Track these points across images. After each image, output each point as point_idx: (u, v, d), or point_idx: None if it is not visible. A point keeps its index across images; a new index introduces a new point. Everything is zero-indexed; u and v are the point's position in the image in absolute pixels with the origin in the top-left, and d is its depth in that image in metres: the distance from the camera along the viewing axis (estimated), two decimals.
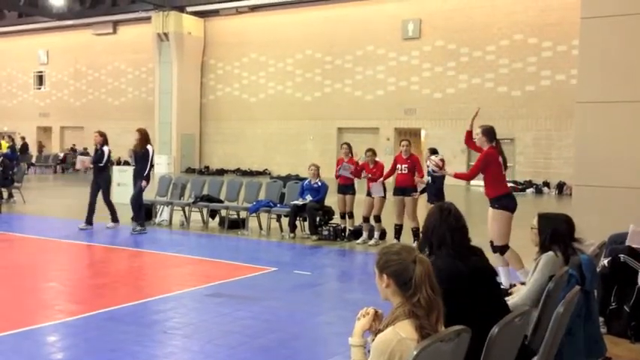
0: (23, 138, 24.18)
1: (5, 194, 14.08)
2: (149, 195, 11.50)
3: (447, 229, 3.14)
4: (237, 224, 10.90)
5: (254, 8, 23.97)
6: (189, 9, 24.01)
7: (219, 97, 24.99)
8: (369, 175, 9.54)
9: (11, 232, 10.84)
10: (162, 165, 22.49)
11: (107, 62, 26.81)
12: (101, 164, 10.73)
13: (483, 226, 6.68)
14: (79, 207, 14.98)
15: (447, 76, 22.31)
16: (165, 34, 23.81)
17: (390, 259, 2.52)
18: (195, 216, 11.57)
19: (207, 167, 24.78)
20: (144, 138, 10.64)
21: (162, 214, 11.65)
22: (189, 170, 23.95)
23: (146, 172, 10.48)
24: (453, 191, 11.25)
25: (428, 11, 22.40)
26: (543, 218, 3.97)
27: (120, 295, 6.62)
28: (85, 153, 21.44)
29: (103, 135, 10.88)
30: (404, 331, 2.36)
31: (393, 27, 22.59)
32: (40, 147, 26.61)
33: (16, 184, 14.54)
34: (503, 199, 6.36)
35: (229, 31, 24.78)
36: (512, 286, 5.11)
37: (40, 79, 27.61)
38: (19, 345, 4.99)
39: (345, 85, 23.10)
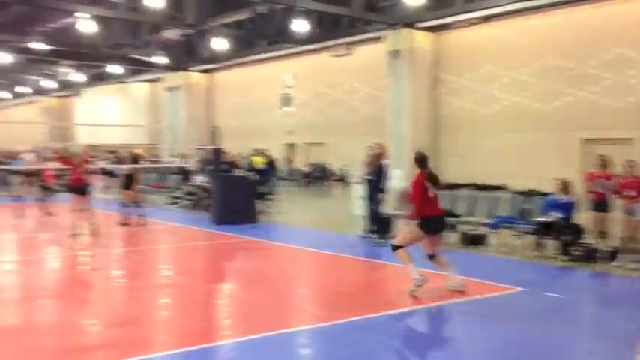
0: (269, 155, 26.56)
1: (262, 206, 15.61)
2: (386, 208, 11.82)
3: None
4: (478, 240, 10.63)
5: (487, 18, 23.37)
6: (420, 25, 24.30)
7: (452, 111, 24.79)
8: (633, 193, 8.59)
9: (266, 240, 11.99)
10: (396, 179, 22.99)
11: (343, 82, 28.36)
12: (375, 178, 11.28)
13: None
14: (324, 219, 16.05)
15: None
16: (397, 51, 24.39)
17: None
18: None
19: (441, 181, 24.56)
20: (380, 153, 11.09)
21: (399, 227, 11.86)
22: None
23: (383, 185, 10.84)
24: None
25: None
26: None
27: (365, 305, 6.83)
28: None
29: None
30: None
31: None
32: (288, 162, 29.07)
33: (269, 196, 16.07)
34: None
35: (461, 43, 24.49)
36: None
37: (286, 101, 30.22)
38: (276, 346, 5.43)
39: (590, 93, 21.23)
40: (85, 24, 20.86)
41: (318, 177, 27.08)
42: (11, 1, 18.40)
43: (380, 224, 11.10)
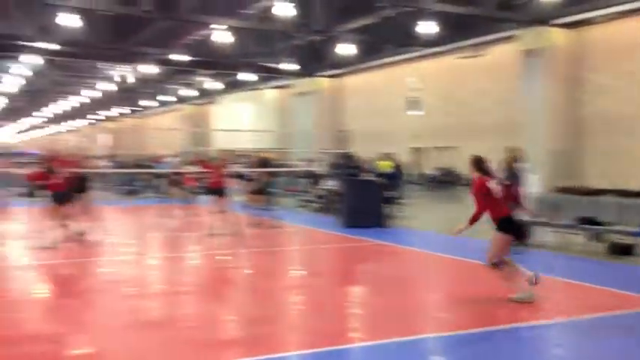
0: (396, 159, 26.30)
1: (390, 210, 15.54)
2: (520, 214, 11.27)
3: None
4: (626, 250, 9.82)
5: (632, 12, 21.61)
6: (557, 21, 23.04)
7: (594, 112, 23.17)
8: None
9: (395, 243, 11.90)
10: (534, 184, 21.85)
11: (472, 83, 27.56)
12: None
13: None
14: (454, 223, 15.63)
15: None
16: (532, 50, 23.28)
17: None
18: (574, 238, 10.87)
19: (582, 186, 22.96)
20: (513, 156, 10.61)
21: (540, 234, 11.27)
22: (562, 189, 22.44)
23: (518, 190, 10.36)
24: None
25: None
26: None
27: (500, 315, 6.55)
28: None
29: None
30: None
31: None
32: (416, 166, 28.70)
33: (397, 200, 15.96)
34: None
35: (603, 39, 22.86)
36: None
37: (413, 104, 29.87)
38: (406, 352, 5.34)
39: None
40: (221, 35, 22.01)
41: (446, 181, 26.49)
42: (157, 18, 19.85)
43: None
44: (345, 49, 24.73)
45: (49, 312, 7.03)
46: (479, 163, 7.11)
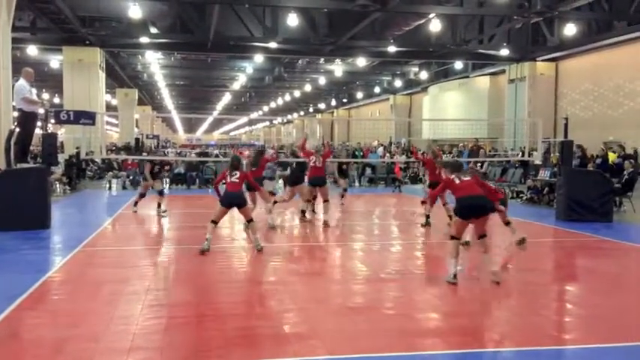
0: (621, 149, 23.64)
1: (616, 205, 14.20)
2: None
3: None
4: None
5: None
6: None
7: None
8: None
9: (623, 241, 10.84)
10: None
11: None
12: None
13: None
14: None
15: None
16: None
17: None
18: None
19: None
20: None
21: None
22: None
23: None
24: None
25: None
26: None
27: None
28: None
29: None
30: None
31: None
32: None
33: (627, 194, 14.50)
34: None
35: None
36: None
37: None
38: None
39: None
40: (433, 24, 21.85)
41: None
42: (372, 11, 20.31)
43: None
44: (568, 29, 22.97)
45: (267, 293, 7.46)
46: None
